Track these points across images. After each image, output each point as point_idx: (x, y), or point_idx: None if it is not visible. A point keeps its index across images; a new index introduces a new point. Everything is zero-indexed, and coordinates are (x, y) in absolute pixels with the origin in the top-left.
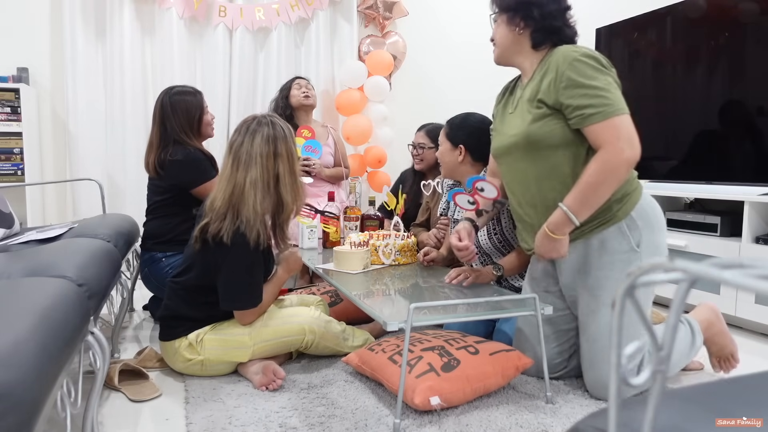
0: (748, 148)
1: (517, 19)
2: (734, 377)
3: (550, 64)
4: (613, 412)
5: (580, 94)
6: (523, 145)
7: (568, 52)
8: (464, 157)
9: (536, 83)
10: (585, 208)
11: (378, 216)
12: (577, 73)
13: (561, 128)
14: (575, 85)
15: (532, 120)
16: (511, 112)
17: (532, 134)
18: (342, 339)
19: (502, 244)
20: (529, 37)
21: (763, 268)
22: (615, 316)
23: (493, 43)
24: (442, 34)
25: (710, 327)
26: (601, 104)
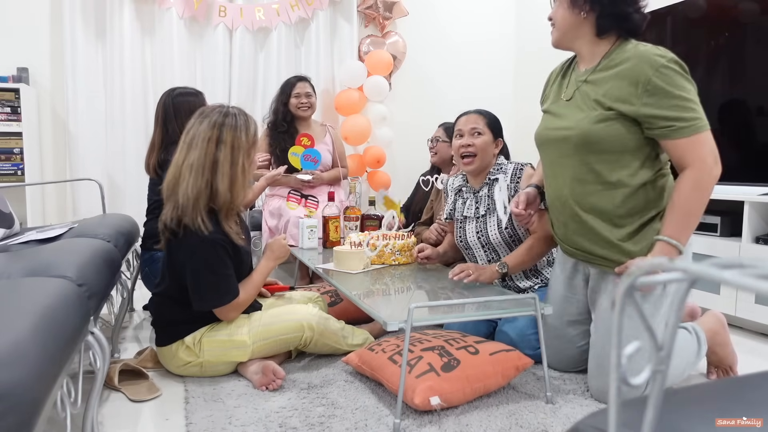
0: (748, 148)
1: (582, 2)
2: (734, 377)
3: (626, 65)
4: (613, 412)
5: (670, 104)
6: (576, 142)
7: (651, 56)
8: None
9: (604, 82)
10: (687, 232)
11: (378, 216)
12: (667, 82)
13: (626, 134)
14: (665, 94)
15: (595, 120)
16: (567, 100)
17: (594, 135)
18: (341, 336)
19: (512, 238)
20: (594, 23)
21: (763, 268)
22: (615, 316)
23: (551, 24)
24: (442, 34)
25: (714, 336)
26: (692, 118)
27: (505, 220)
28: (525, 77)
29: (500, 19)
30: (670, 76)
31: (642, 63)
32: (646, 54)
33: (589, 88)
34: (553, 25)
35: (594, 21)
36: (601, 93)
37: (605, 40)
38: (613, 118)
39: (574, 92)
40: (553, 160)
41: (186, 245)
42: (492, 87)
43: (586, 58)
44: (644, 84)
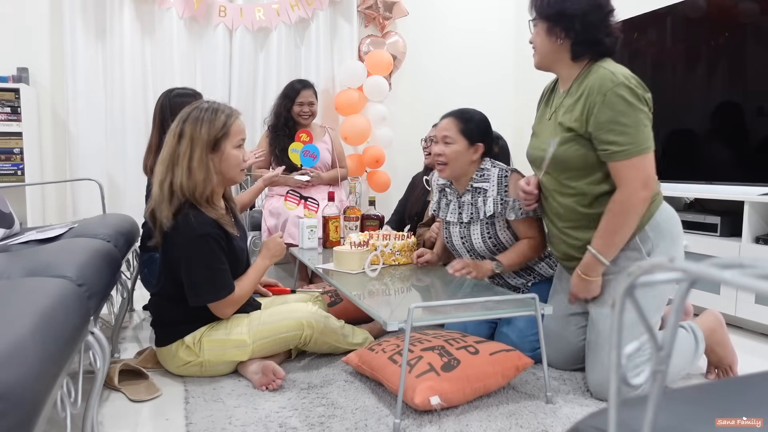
0: (748, 148)
1: (558, 30)
2: (734, 377)
3: (586, 88)
4: (613, 412)
5: (608, 129)
6: (548, 162)
7: (604, 80)
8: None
9: (570, 105)
10: (612, 249)
11: (378, 216)
12: (609, 107)
13: (585, 152)
14: (606, 119)
15: (560, 142)
16: (548, 119)
17: (558, 156)
18: (341, 335)
19: (496, 247)
20: (569, 49)
21: (762, 268)
22: (615, 316)
23: (532, 47)
24: (442, 34)
25: (712, 335)
26: (626, 142)
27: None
28: (525, 77)
29: (500, 19)
30: (613, 102)
31: (594, 87)
32: (600, 79)
33: (559, 112)
34: (534, 48)
35: (569, 47)
36: (563, 116)
37: (579, 63)
38: (572, 139)
39: (554, 112)
40: (538, 174)
41: (179, 241)
42: (492, 87)
43: (564, 80)
44: (590, 107)
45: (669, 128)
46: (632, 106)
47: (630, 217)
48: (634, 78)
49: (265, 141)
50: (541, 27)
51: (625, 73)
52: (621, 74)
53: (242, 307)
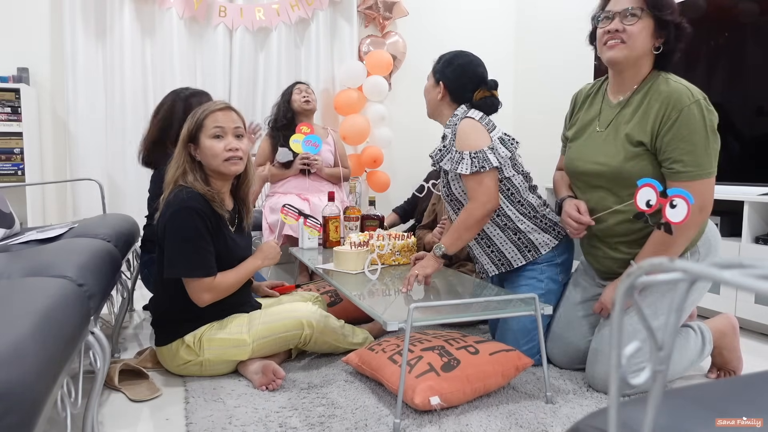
0: (747, 148)
1: (663, 33)
2: (734, 377)
3: (657, 100)
4: (613, 412)
5: (677, 146)
6: (609, 178)
7: (681, 96)
8: (443, 95)
9: (638, 116)
10: None
11: (378, 216)
12: (685, 125)
13: (652, 168)
14: (678, 137)
15: (626, 158)
16: (599, 130)
17: (625, 172)
18: (341, 335)
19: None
20: (653, 58)
21: (762, 268)
22: (615, 316)
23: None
24: (442, 35)
25: (722, 338)
26: (692, 163)
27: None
28: (525, 77)
29: (500, 19)
30: (689, 120)
31: (670, 101)
32: (677, 93)
33: (621, 123)
34: (622, 40)
35: (654, 56)
36: (631, 128)
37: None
38: (641, 154)
39: (610, 123)
40: (584, 189)
41: (166, 213)
42: None
43: (619, 86)
44: (664, 121)
45: None
46: (707, 128)
47: (680, 239)
48: (706, 98)
49: (265, 142)
50: (647, 22)
51: (700, 92)
52: (697, 92)
53: (242, 307)
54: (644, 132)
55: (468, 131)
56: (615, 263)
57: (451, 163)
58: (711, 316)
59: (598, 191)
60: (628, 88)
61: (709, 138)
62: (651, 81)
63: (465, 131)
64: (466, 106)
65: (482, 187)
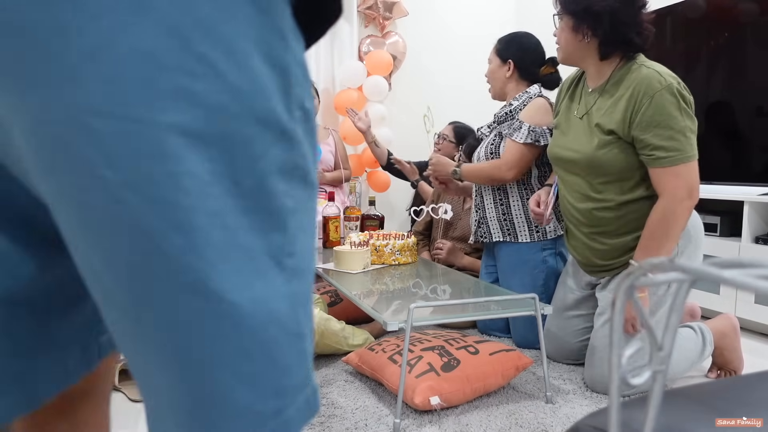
0: (747, 148)
1: (584, 28)
2: (734, 377)
3: (629, 89)
4: (613, 412)
5: (656, 133)
6: (582, 165)
7: (651, 82)
8: (512, 73)
9: (609, 106)
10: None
11: (378, 216)
12: (658, 111)
13: (624, 157)
14: (654, 123)
15: (598, 145)
16: (579, 117)
17: (596, 160)
18: (342, 337)
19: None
20: (597, 49)
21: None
22: (615, 316)
23: (556, 42)
24: (442, 35)
25: (722, 338)
26: (673, 148)
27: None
28: None
29: (500, 19)
30: (663, 105)
31: (640, 88)
32: (647, 80)
33: (594, 111)
34: (557, 44)
35: (596, 46)
36: (602, 117)
37: (610, 61)
38: (612, 142)
39: (587, 112)
40: (562, 175)
41: None
42: None
43: (593, 76)
44: (636, 109)
45: None
46: (682, 111)
47: (673, 227)
48: (680, 81)
49: None
50: (566, 23)
51: (672, 75)
52: (668, 75)
53: None
54: (614, 121)
55: (539, 107)
56: (594, 254)
57: (509, 129)
58: (711, 316)
59: (575, 177)
60: (602, 77)
61: (685, 121)
62: (625, 68)
63: (536, 107)
64: (538, 86)
65: (520, 160)
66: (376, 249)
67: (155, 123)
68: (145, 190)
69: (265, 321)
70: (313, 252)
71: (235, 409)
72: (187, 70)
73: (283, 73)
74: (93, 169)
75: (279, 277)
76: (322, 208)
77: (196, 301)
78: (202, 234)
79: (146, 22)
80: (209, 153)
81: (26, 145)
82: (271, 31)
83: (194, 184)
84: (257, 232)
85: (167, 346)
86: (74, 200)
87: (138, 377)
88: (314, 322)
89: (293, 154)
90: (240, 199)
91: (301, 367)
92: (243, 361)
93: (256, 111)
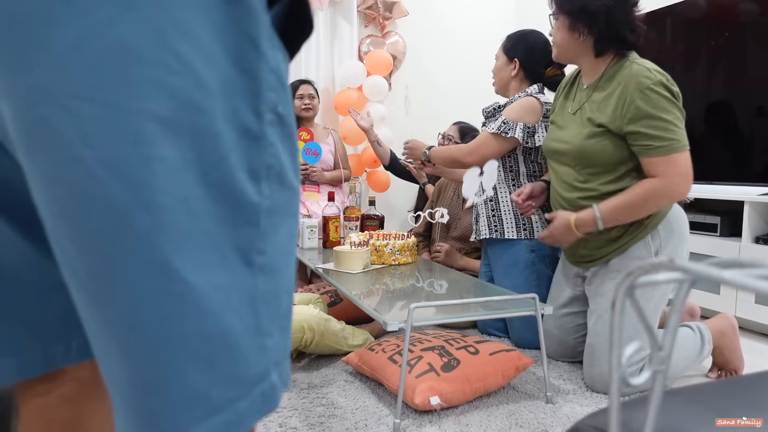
0: (747, 148)
1: (580, 26)
2: (734, 378)
3: (619, 85)
4: (613, 412)
5: (648, 124)
6: (572, 156)
7: (640, 77)
8: (517, 72)
9: (601, 101)
10: (614, 221)
11: (378, 216)
12: (649, 104)
13: (612, 148)
14: (645, 115)
15: (586, 136)
16: (572, 113)
17: (585, 149)
18: (342, 337)
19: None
20: (592, 46)
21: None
22: (615, 316)
23: (552, 41)
24: (443, 34)
25: (721, 338)
26: (667, 138)
27: None
28: None
29: (501, 19)
30: (653, 98)
31: (630, 84)
32: (636, 76)
33: (587, 106)
34: (553, 43)
35: (592, 44)
36: (594, 111)
37: (604, 58)
38: (601, 134)
39: (580, 107)
40: (553, 166)
41: None
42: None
43: (588, 73)
44: (629, 105)
45: None
46: (671, 102)
47: (654, 203)
48: (668, 77)
49: None
50: (561, 22)
51: (660, 71)
52: (656, 71)
53: None
54: (605, 115)
55: (523, 105)
56: (579, 244)
57: (492, 124)
58: (711, 316)
59: (564, 168)
60: (596, 73)
61: (677, 114)
62: (617, 65)
63: (520, 104)
64: (538, 86)
65: (481, 147)
66: (376, 249)
67: (131, 109)
68: (119, 169)
69: (223, 308)
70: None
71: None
72: (163, 64)
73: (251, 78)
74: (70, 146)
75: (244, 270)
76: (322, 208)
77: (157, 278)
78: (168, 215)
79: (130, 19)
80: (180, 142)
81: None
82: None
83: (165, 168)
84: (224, 223)
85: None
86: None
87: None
88: (314, 322)
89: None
90: (208, 189)
91: (260, 361)
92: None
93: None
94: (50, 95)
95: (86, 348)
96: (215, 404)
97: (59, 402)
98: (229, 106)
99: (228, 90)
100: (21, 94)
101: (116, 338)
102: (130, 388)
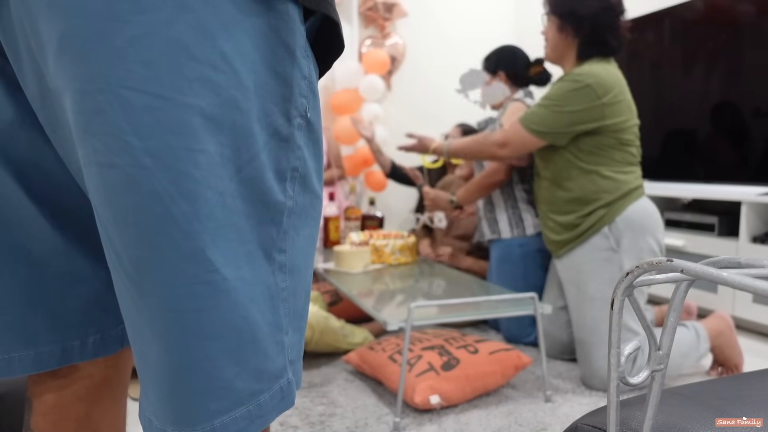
0: (745, 148)
1: (568, 28)
2: (734, 377)
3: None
4: (612, 411)
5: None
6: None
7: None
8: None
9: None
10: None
11: (378, 216)
12: (553, 88)
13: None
14: (544, 96)
15: None
16: None
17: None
18: (341, 335)
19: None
20: (577, 48)
21: (760, 267)
22: (614, 316)
23: (544, 39)
24: (442, 35)
25: (719, 336)
26: (532, 113)
27: None
28: None
29: (500, 20)
30: (559, 85)
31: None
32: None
33: None
34: (546, 41)
35: (577, 45)
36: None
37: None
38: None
39: None
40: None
41: None
42: None
43: None
44: None
45: (667, 129)
46: (566, 96)
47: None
48: (602, 82)
49: None
50: (552, 22)
51: (600, 75)
52: (592, 74)
53: None
54: None
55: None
56: (549, 230)
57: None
58: (708, 314)
59: (537, 159)
60: None
61: (563, 106)
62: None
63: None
64: (522, 92)
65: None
66: (376, 249)
67: (180, 102)
68: (164, 159)
69: (249, 302)
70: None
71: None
72: (211, 63)
73: (285, 83)
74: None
75: (266, 267)
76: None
77: (193, 267)
78: (207, 206)
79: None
80: (221, 137)
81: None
82: (279, 45)
83: (206, 161)
84: (252, 219)
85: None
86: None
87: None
88: (314, 320)
89: (290, 156)
90: (240, 186)
91: (279, 357)
92: (229, 334)
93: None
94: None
95: (102, 345)
96: (240, 396)
97: (72, 399)
98: (262, 108)
99: (262, 92)
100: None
101: (152, 323)
102: (162, 373)
